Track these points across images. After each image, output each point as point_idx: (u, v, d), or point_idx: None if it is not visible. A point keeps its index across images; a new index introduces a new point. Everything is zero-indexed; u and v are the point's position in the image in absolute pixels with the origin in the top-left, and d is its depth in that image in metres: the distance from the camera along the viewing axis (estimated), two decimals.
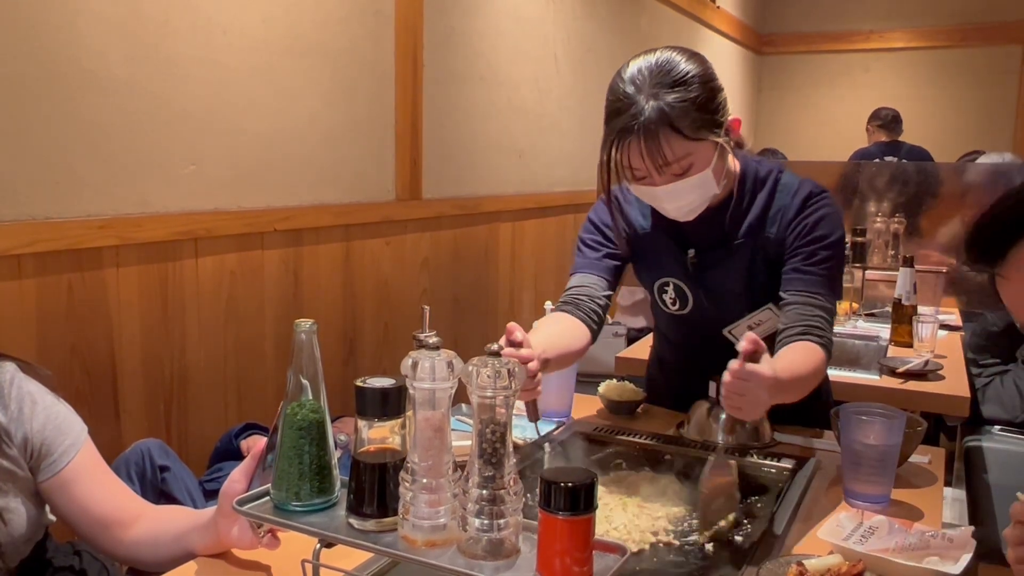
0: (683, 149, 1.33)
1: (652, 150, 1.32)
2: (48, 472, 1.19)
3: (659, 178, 1.37)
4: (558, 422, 1.68)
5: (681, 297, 1.59)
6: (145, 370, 1.96)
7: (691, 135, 1.33)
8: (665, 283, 1.60)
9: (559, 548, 0.81)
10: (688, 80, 1.33)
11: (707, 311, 1.58)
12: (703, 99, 1.33)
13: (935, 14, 6.79)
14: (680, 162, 1.35)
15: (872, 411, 1.34)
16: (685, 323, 1.64)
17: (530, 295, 3.69)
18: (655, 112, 1.31)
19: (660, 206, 1.45)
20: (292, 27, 2.29)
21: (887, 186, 3.31)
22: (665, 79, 1.32)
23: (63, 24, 1.74)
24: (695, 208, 1.44)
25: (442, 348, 0.89)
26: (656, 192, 1.40)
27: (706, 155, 1.37)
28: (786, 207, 1.49)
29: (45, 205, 1.75)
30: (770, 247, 1.50)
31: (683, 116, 1.31)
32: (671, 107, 1.31)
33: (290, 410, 0.99)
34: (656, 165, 1.34)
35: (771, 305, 1.52)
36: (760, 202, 1.51)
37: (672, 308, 1.62)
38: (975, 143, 5.30)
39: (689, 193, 1.39)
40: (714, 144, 1.37)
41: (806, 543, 1.18)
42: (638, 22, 4.54)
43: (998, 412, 2.85)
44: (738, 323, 1.53)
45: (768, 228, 1.50)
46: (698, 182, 1.38)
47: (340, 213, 2.50)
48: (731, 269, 1.53)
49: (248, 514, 1.01)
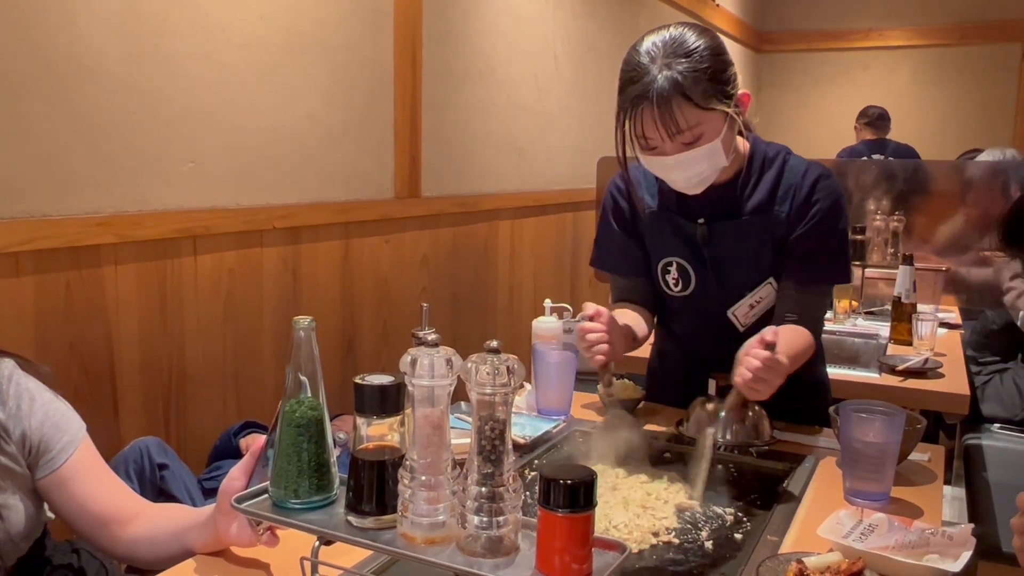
0: (695, 117, 1.38)
1: (665, 117, 1.37)
2: (46, 469, 1.19)
3: (670, 146, 1.41)
4: (558, 420, 1.68)
5: (684, 276, 1.61)
6: (144, 368, 1.96)
7: (702, 104, 1.37)
8: (668, 263, 1.63)
9: (558, 545, 0.81)
10: (700, 51, 1.38)
11: (709, 290, 1.60)
12: (714, 70, 1.39)
13: (934, 12, 6.79)
14: (692, 130, 1.39)
15: (872, 409, 1.33)
16: (686, 305, 1.65)
17: (529, 292, 3.69)
18: (668, 81, 1.36)
19: (669, 176, 1.49)
20: (291, 24, 2.28)
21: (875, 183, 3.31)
22: (678, 50, 1.38)
23: (62, 22, 1.74)
24: (704, 179, 1.48)
25: (441, 345, 0.88)
26: (666, 162, 1.44)
27: (716, 125, 1.41)
28: (796, 186, 1.54)
29: (43, 203, 1.75)
30: (779, 226, 1.54)
31: (695, 85, 1.36)
32: (683, 76, 1.36)
33: (289, 407, 0.99)
34: (668, 133, 1.39)
35: (771, 279, 1.57)
36: (768, 181, 1.55)
37: (674, 289, 1.64)
38: (974, 141, 5.29)
39: (699, 163, 1.43)
40: (724, 115, 1.41)
41: (806, 541, 1.18)
42: (637, 20, 4.54)
43: (997, 410, 2.84)
44: (739, 303, 1.58)
45: (777, 206, 1.54)
46: (708, 152, 1.42)
47: (339, 211, 2.49)
48: (738, 243, 1.56)
49: (247, 511, 1.00)
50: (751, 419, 1.53)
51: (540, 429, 1.59)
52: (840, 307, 2.80)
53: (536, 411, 1.73)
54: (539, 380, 1.73)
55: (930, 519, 1.26)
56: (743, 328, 1.61)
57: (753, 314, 1.60)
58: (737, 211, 1.56)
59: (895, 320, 2.59)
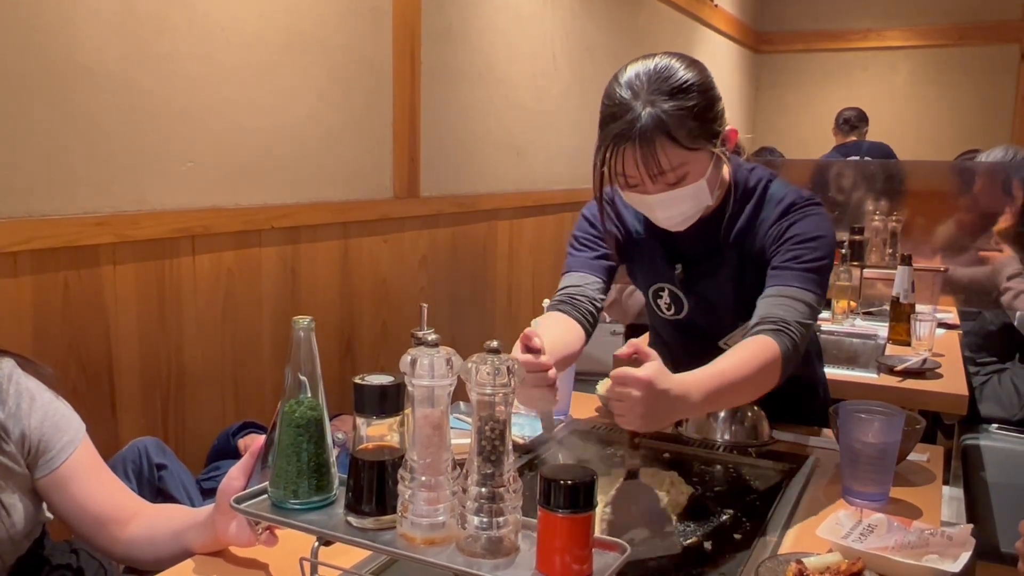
0: (679, 158, 1.31)
1: (647, 158, 1.29)
2: (45, 469, 1.18)
3: (652, 187, 1.35)
4: (557, 421, 1.68)
5: (676, 303, 1.58)
6: (142, 368, 1.96)
7: (688, 144, 1.30)
8: (660, 288, 1.60)
9: (559, 546, 0.81)
10: (686, 88, 1.30)
11: (702, 316, 1.57)
12: (701, 108, 1.31)
13: (932, 13, 6.80)
14: (675, 171, 1.32)
15: (871, 409, 1.33)
16: (681, 328, 1.63)
17: (528, 292, 3.69)
18: (652, 120, 1.28)
19: (652, 214, 1.43)
20: (290, 24, 2.28)
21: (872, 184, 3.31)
22: (663, 86, 1.30)
23: (60, 21, 1.74)
24: (687, 219, 1.41)
25: (441, 345, 0.88)
26: (648, 200, 1.37)
27: (701, 165, 1.35)
28: (771, 219, 1.46)
29: (42, 202, 1.74)
30: (755, 255, 1.47)
31: (680, 125, 1.28)
32: (668, 115, 1.28)
33: (288, 407, 0.99)
34: (651, 174, 1.32)
35: None
36: (748, 212, 1.48)
37: (667, 313, 1.61)
38: (972, 142, 5.30)
39: (682, 203, 1.37)
40: (710, 154, 1.35)
41: (805, 541, 1.18)
42: (636, 20, 4.54)
43: (996, 410, 2.85)
44: (732, 334, 1.51)
45: (754, 235, 1.48)
46: (692, 192, 1.36)
47: (338, 211, 2.49)
48: (720, 279, 1.51)
49: (246, 512, 1.00)
50: (750, 420, 1.54)
51: (539, 429, 1.59)
52: (838, 307, 2.81)
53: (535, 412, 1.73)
54: None
55: (929, 519, 1.26)
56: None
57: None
58: (716, 247, 1.49)
59: (893, 320, 2.59)
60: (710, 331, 1.55)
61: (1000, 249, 3.07)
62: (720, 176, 1.42)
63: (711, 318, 1.55)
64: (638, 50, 4.58)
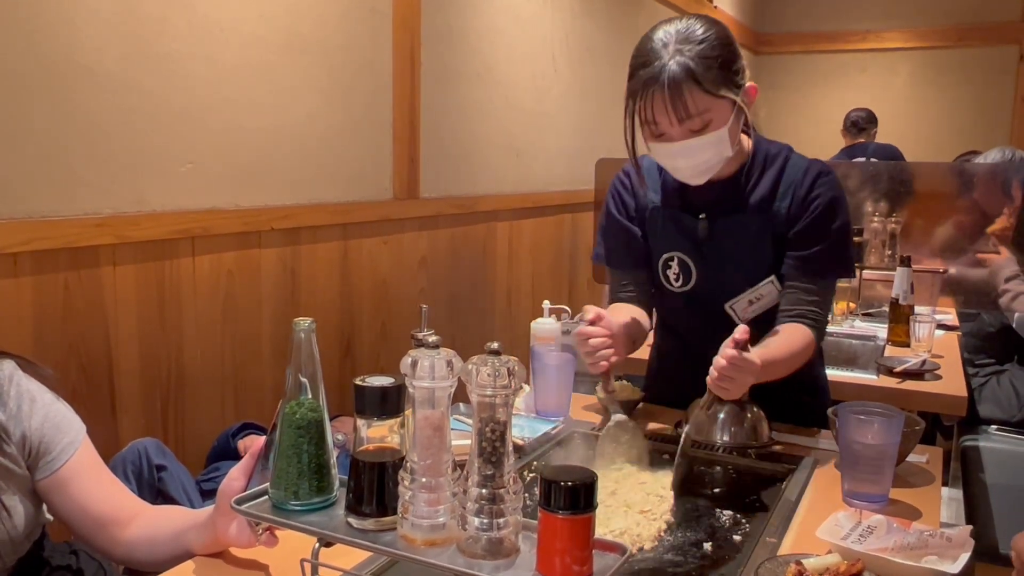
0: (704, 103, 1.41)
1: (675, 101, 1.39)
2: (46, 471, 1.19)
3: (678, 132, 1.43)
4: (556, 421, 1.68)
5: (685, 271, 1.62)
6: (142, 369, 1.96)
7: (712, 90, 1.40)
8: (670, 258, 1.63)
9: (559, 547, 0.81)
10: (711, 39, 1.42)
11: (710, 285, 1.60)
12: (724, 59, 1.42)
13: (931, 14, 6.80)
14: (701, 116, 1.42)
15: (870, 410, 1.34)
16: (687, 301, 1.65)
17: (527, 293, 3.69)
18: (679, 66, 1.39)
19: (675, 163, 1.50)
20: (290, 25, 2.28)
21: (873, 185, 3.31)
22: (691, 37, 1.41)
23: (60, 21, 1.74)
24: (709, 168, 1.49)
25: (441, 347, 0.88)
26: (672, 149, 1.46)
27: (724, 113, 1.44)
28: (797, 183, 1.55)
29: (41, 203, 1.74)
30: (779, 222, 1.55)
31: (706, 71, 1.39)
32: (695, 62, 1.39)
33: (289, 409, 0.99)
34: (678, 118, 1.41)
35: (772, 278, 1.57)
36: (770, 177, 1.57)
37: (675, 285, 1.64)
38: (971, 143, 5.30)
39: (704, 151, 1.45)
40: (732, 104, 1.44)
41: (804, 542, 1.18)
42: (636, 21, 4.54)
43: (995, 412, 2.85)
44: (739, 298, 1.59)
45: (778, 202, 1.55)
46: (714, 140, 1.44)
47: (338, 212, 2.49)
48: (739, 240, 1.57)
49: (247, 513, 1.00)
50: (749, 421, 1.54)
51: (539, 431, 1.59)
52: (838, 309, 2.81)
53: (534, 413, 1.73)
54: (537, 382, 1.73)
55: (928, 520, 1.26)
56: (741, 322, 1.60)
57: (752, 310, 1.60)
58: (738, 207, 1.57)
59: (893, 322, 2.59)
60: (715, 302, 1.61)
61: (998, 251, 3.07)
62: (740, 132, 1.52)
63: (719, 285, 1.60)
64: None
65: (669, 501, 1.30)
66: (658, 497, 1.31)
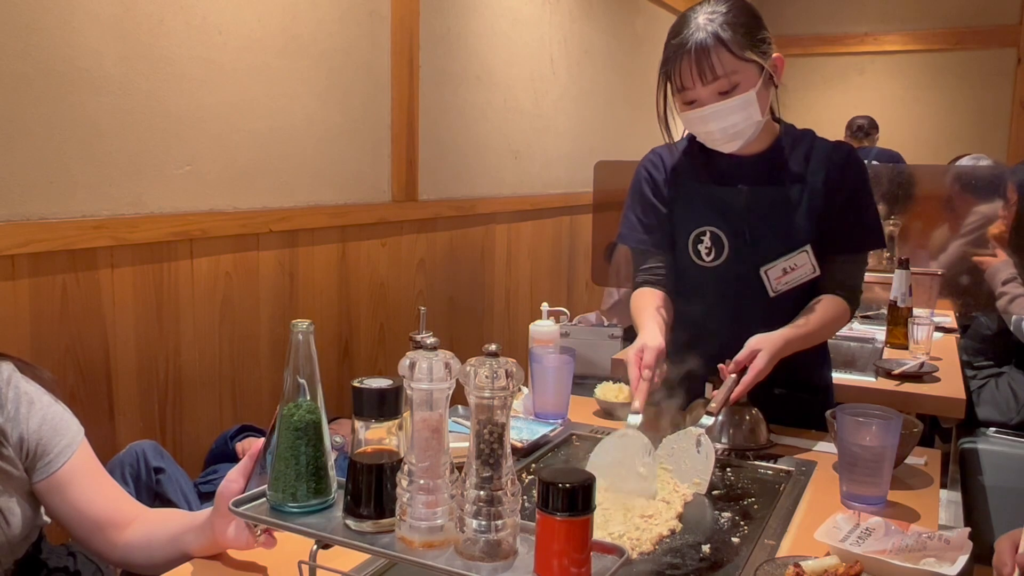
0: (730, 64, 1.47)
1: (701, 62, 1.47)
2: (43, 473, 1.18)
3: (707, 94, 1.49)
4: (555, 423, 1.68)
5: (717, 245, 1.64)
6: (140, 371, 1.96)
7: (738, 52, 1.47)
8: (702, 232, 1.65)
9: (557, 549, 0.81)
10: (734, 9, 1.50)
11: (742, 256, 1.62)
12: (750, 26, 1.50)
13: (930, 17, 6.81)
14: (728, 78, 1.48)
15: (868, 413, 1.34)
16: (714, 276, 1.66)
17: (525, 295, 3.69)
18: (706, 31, 1.48)
19: (707, 128, 1.55)
20: (288, 27, 2.28)
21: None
22: (718, 8, 1.50)
23: (58, 23, 1.74)
24: (739, 132, 1.54)
25: (439, 349, 0.88)
26: (704, 113, 1.52)
27: (751, 76, 1.50)
28: (829, 158, 1.62)
29: (39, 205, 1.74)
30: (815, 195, 1.60)
31: (732, 35, 1.47)
32: (720, 26, 1.48)
33: (287, 411, 0.99)
34: (704, 80, 1.48)
35: (807, 248, 1.60)
36: (801, 152, 1.64)
37: (707, 259, 1.65)
38: (969, 146, 5.32)
39: (734, 114, 1.51)
40: (759, 68, 1.50)
41: (803, 545, 1.18)
42: (633, 24, 4.54)
43: (993, 414, 2.85)
44: (774, 264, 1.61)
45: (812, 176, 1.61)
46: (743, 103, 1.50)
47: (336, 214, 2.49)
48: (775, 209, 1.61)
49: (245, 515, 1.00)
50: (748, 423, 1.54)
51: (537, 433, 1.59)
52: None
53: (533, 415, 1.73)
54: (536, 384, 1.73)
55: (927, 523, 1.26)
56: (773, 293, 1.62)
57: (785, 280, 1.62)
58: (773, 179, 1.62)
59: (891, 324, 2.60)
60: (747, 275, 1.63)
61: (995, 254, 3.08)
62: (769, 100, 1.58)
63: (753, 256, 1.62)
64: (635, 54, 4.61)
65: (676, 508, 1.29)
66: (664, 503, 1.30)
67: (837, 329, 1.67)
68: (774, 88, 1.58)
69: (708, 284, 1.68)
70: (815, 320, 1.58)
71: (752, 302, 1.63)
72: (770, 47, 1.54)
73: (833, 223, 1.61)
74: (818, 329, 1.59)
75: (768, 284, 1.62)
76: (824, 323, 1.59)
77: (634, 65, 4.61)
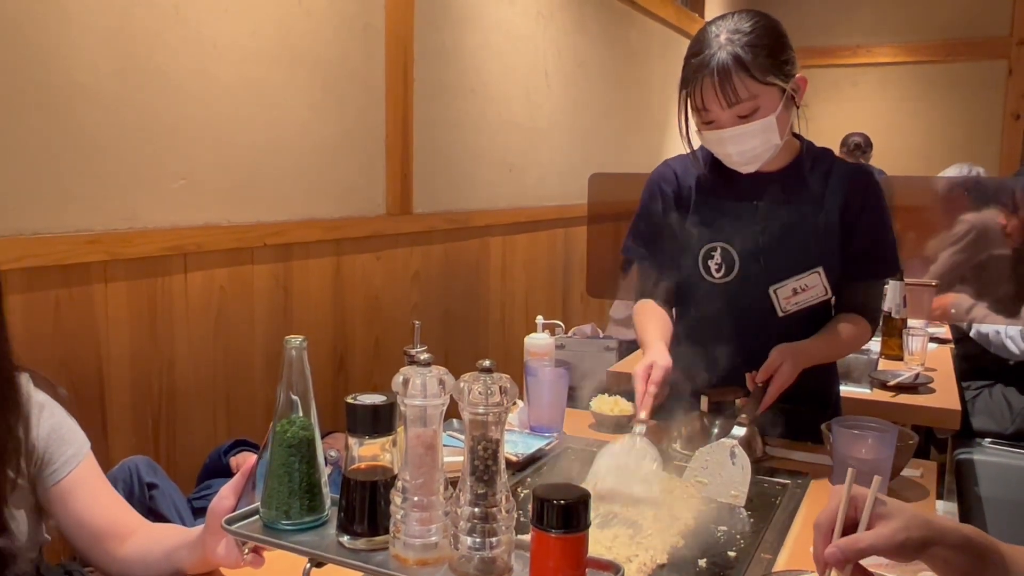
0: (752, 89, 1.46)
1: (724, 86, 1.45)
2: (49, 481, 1.19)
3: (727, 117, 1.48)
4: (550, 437, 1.67)
5: (727, 262, 1.63)
6: (133, 386, 1.95)
7: (760, 77, 1.46)
8: (712, 248, 1.64)
9: (552, 566, 0.80)
10: (758, 30, 1.48)
11: (752, 274, 1.61)
12: (773, 48, 1.49)
13: (921, 29, 6.86)
14: (749, 102, 1.47)
15: (864, 425, 1.34)
16: (724, 292, 1.65)
17: (521, 308, 3.69)
18: (728, 54, 1.45)
19: (724, 150, 1.54)
20: (282, 40, 2.29)
21: None
22: (741, 27, 1.48)
23: (53, 37, 1.74)
24: (758, 155, 1.53)
25: (433, 364, 0.88)
26: (723, 135, 1.51)
27: (773, 100, 1.49)
28: (849, 182, 1.61)
29: (33, 220, 1.74)
30: (831, 217, 1.59)
31: (754, 58, 1.45)
32: (744, 50, 1.45)
33: (280, 427, 0.98)
34: (727, 102, 1.46)
35: (820, 270, 1.59)
36: (820, 173, 1.62)
37: (716, 276, 1.64)
38: (961, 157, 5.34)
39: (754, 137, 1.50)
40: (781, 91, 1.49)
41: (799, 558, 1.18)
42: (628, 37, 4.56)
43: (988, 424, 2.86)
44: (784, 283, 1.60)
45: (829, 198, 1.60)
46: (762, 127, 1.49)
47: (330, 228, 2.49)
48: (790, 228, 1.60)
49: (237, 533, 1.00)
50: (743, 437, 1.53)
51: (532, 446, 1.59)
52: None
53: (528, 428, 1.72)
54: (531, 397, 1.73)
55: None
56: (782, 313, 1.61)
57: (795, 301, 1.61)
58: (790, 198, 1.61)
59: (886, 335, 2.60)
60: (755, 292, 1.62)
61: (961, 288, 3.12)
62: (789, 122, 1.57)
63: (763, 273, 1.61)
64: (630, 67, 4.62)
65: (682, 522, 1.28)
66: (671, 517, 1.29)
67: (856, 348, 1.67)
68: (795, 108, 1.57)
69: (717, 300, 1.67)
70: (839, 335, 1.58)
71: (760, 321, 1.61)
72: (794, 67, 1.53)
73: (852, 249, 1.60)
74: (841, 344, 1.59)
75: (777, 303, 1.61)
76: (848, 340, 1.60)
77: (628, 78, 4.62)
